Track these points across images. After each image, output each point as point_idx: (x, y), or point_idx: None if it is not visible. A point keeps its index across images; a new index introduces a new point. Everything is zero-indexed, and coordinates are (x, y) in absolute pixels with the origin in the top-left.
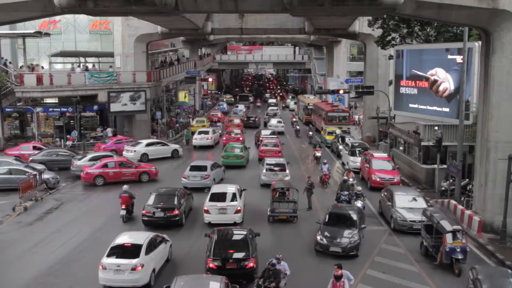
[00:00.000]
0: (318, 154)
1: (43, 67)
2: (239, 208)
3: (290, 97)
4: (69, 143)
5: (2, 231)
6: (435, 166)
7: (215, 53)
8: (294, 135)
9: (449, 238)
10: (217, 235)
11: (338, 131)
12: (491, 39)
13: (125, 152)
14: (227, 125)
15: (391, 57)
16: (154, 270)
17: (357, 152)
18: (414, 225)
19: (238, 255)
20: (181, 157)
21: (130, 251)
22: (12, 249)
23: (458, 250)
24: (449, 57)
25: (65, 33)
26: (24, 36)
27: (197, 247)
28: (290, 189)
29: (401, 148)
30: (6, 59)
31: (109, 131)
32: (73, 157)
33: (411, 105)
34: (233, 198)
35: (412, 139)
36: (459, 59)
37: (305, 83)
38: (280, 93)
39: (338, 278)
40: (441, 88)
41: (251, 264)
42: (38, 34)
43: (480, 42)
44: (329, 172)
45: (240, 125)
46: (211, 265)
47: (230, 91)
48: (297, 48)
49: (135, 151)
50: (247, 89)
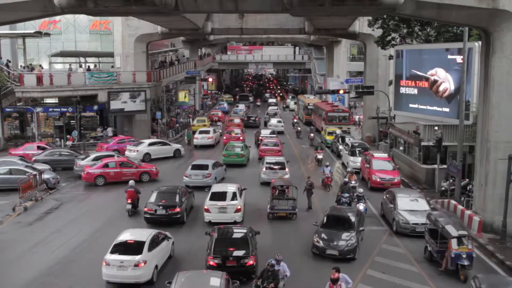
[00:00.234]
0: (319, 157)
1: (42, 66)
2: (239, 207)
3: (290, 97)
4: (69, 143)
5: (2, 231)
6: (435, 166)
7: (215, 53)
8: (295, 136)
9: (454, 243)
10: (217, 233)
11: (338, 131)
12: (491, 39)
13: (127, 152)
14: (227, 124)
15: (391, 57)
16: (156, 266)
17: (357, 152)
18: (417, 227)
19: (238, 253)
20: (183, 156)
21: (133, 247)
22: (12, 249)
23: (464, 256)
24: (449, 57)
25: (65, 33)
26: (24, 36)
27: (198, 244)
28: (290, 187)
29: (401, 148)
30: (9, 60)
31: (109, 130)
32: (76, 157)
33: (411, 105)
34: (233, 197)
35: (412, 139)
36: (459, 59)
37: (305, 83)
38: (280, 93)
39: (334, 281)
40: (441, 88)
41: (251, 262)
42: (38, 34)
43: (480, 42)
44: (331, 175)
45: (241, 124)
46: (211, 262)
47: (230, 91)
48: (297, 48)
49: (137, 150)
50: (247, 89)
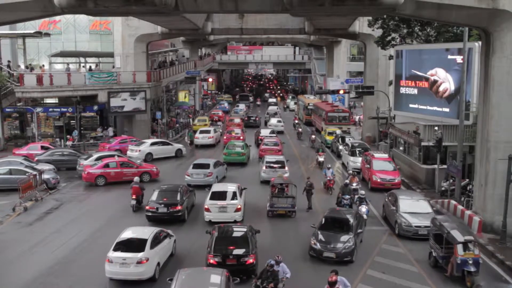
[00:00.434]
0: (321, 159)
1: (42, 66)
2: (239, 206)
3: (290, 97)
4: (69, 143)
5: (2, 231)
6: (435, 166)
7: (215, 53)
8: (296, 137)
9: (460, 249)
10: (217, 231)
11: (338, 131)
12: (491, 39)
13: (129, 152)
14: (227, 124)
15: (391, 57)
16: (158, 263)
17: (357, 152)
18: (419, 230)
19: (238, 252)
20: (184, 156)
21: (135, 245)
22: (12, 249)
23: (470, 262)
24: (449, 57)
25: (65, 33)
26: (24, 36)
27: (200, 242)
28: (289, 185)
29: (401, 148)
30: (9, 61)
31: (110, 130)
32: (79, 157)
33: (411, 105)
34: (234, 196)
35: (412, 139)
36: (459, 59)
37: (305, 83)
38: (280, 94)
39: (332, 284)
40: (441, 89)
41: (250, 260)
42: (38, 34)
43: (480, 42)
44: (333, 178)
45: (241, 124)
46: (211, 261)
47: (230, 91)
48: (297, 48)
49: (140, 150)
50: (247, 89)
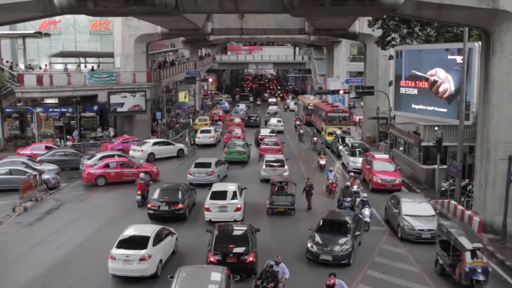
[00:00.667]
0: (322, 162)
1: (43, 65)
2: (239, 206)
3: (290, 97)
4: (69, 143)
5: (2, 231)
6: (435, 166)
7: (215, 54)
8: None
9: (468, 257)
10: (218, 230)
11: (338, 132)
12: (491, 39)
13: (131, 152)
14: (228, 124)
15: (391, 57)
16: (161, 261)
17: (357, 152)
18: (423, 234)
19: (238, 250)
20: (186, 156)
21: (138, 242)
22: (12, 249)
23: (479, 270)
24: (449, 57)
25: (65, 33)
26: (24, 37)
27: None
28: (289, 183)
29: (401, 148)
30: (12, 62)
31: (111, 130)
32: (81, 156)
33: (411, 106)
34: (234, 196)
35: (412, 139)
36: (459, 59)
37: (305, 83)
38: (281, 94)
39: (330, 287)
40: (441, 89)
41: (250, 259)
42: (38, 34)
43: (480, 43)
44: (335, 180)
45: (241, 124)
46: (212, 259)
47: (230, 91)
48: (297, 49)
49: (142, 150)
50: (247, 89)
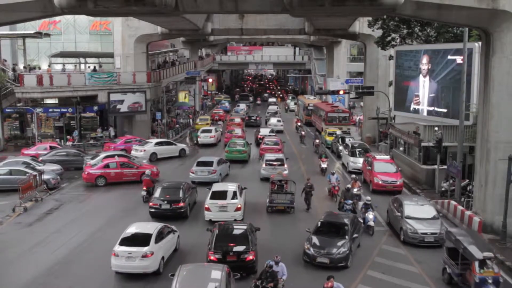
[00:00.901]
0: (323, 166)
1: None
2: (239, 206)
3: (290, 97)
4: (69, 143)
5: (2, 231)
6: (435, 166)
7: (215, 54)
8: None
9: (478, 266)
10: (218, 229)
11: (338, 132)
12: (491, 39)
13: (133, 152)
14: (228, 124)
15: (391, 57)
16: (163, 258)
17: (357, 152)
18: (426, 237)
19: (238, 248)
20: (187, 156)
21: (140, 239)
22: (12, 249)
23: (490, 281)
24: (449, 57)
25: (65, 33)
26: (24, 37)
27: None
28: (288, 182)
29: (401, 148)
30: (15, 64)
31: (111, 130)
32: (83, 156)
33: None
34: (234, 196)
35: (412, 139)
36: (459, 59)
37: (305, 83)
38: (281, 94)
39: None
40: None
41: (250, 257)
42: (38, 34)
43: (480, 43)
44: (338, 184)
45: (241, 124)
46: (212, 257)
47: (230, 91)
48: (297, 49)
49: (144, 150)
50: (247, 89)
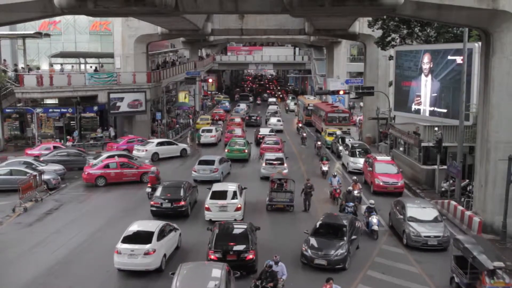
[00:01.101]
0: (324, 169)
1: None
2: (239, 206)
3: (290, 98)
4: (69, 143)
5: (2, 231)
6: (435, 167)
7: (215, 54)
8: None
9: (488, 277)
10: (218, 228)
11: (338, 132)
12: (491, 39)
13: (135, 152)
14: (228, 124)
15: (391, 57)
16: (165, 255)
17: (357, 153)
18: (429, 240)
19: (238, 248)
20: (188, 156)
21: (143, 237)
22: (12, 249)
23: None
24: (449, 57)
25: (65, 34)
26: (24, 37)
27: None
28: (288, 180)
29: (401, 149)
30: (16, 65)
31: (111, 130)
32: (84, 156)
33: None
34: (234, 196)
35: (412, 140)
36: (459, 60)
37: (305, 83)
38: (281, 95)
39: None
40: None
41: (250, 256)
42: (38, 35)
43: (480, 43)
44: (339, 187)
45: (241, 123)
46: (212, 256)
47: (230, 91)
48: (297, 49)
49: (146, 150)
50: (247, 89)
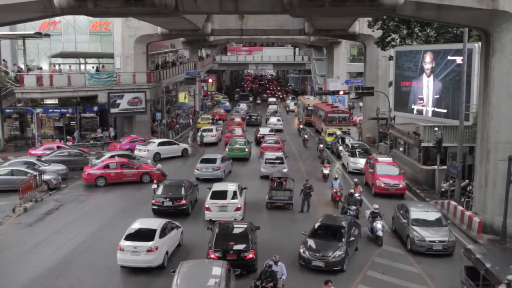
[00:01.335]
0: (325, 172)
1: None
2: (239, 205)
3: (290, 98)
4: (69, 144)
5: (2, 232)
6: (435, 167)
7: (215, 54)
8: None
9: None
10: (218, 227)
11: (338, 132)
12: (491, 40)
13: (137, 151)
14: (228, 123)
15: (391, 58)
16: (167, 252)
17: (357, 153)
18: (434, 245)
19: (238, 247)
20: (190, 155)
21: (145, 234)
22: (12, 250)
23: None
24: (449, 58)
25: (65, 34)
26: (24, 37)
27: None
28: (287, 179)
29: (401, 149)
30: (16, 64)
31: (111, 131)
32: (85, 156)
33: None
34: (234, 196)
35: (412, 140)
36: (459, 60)
37: (305, 84)
38: (281, 95)
39: None
40: None
41: (250, 255)
42: (38, 35)
43: (480, 43)
44: (340, 190)
45: (241, 123)
46: (212, 255)
47: (230, 91)
48: (297, 49)
49: (148, 150)
50: (247, 89)
